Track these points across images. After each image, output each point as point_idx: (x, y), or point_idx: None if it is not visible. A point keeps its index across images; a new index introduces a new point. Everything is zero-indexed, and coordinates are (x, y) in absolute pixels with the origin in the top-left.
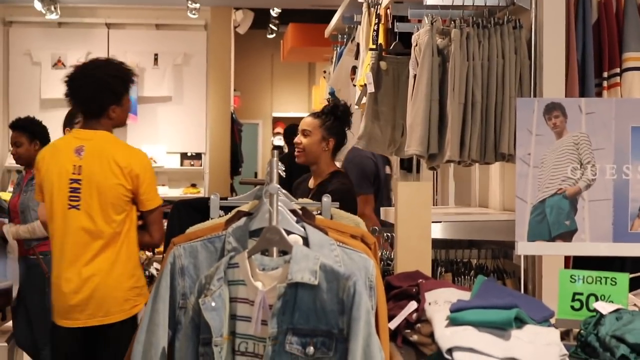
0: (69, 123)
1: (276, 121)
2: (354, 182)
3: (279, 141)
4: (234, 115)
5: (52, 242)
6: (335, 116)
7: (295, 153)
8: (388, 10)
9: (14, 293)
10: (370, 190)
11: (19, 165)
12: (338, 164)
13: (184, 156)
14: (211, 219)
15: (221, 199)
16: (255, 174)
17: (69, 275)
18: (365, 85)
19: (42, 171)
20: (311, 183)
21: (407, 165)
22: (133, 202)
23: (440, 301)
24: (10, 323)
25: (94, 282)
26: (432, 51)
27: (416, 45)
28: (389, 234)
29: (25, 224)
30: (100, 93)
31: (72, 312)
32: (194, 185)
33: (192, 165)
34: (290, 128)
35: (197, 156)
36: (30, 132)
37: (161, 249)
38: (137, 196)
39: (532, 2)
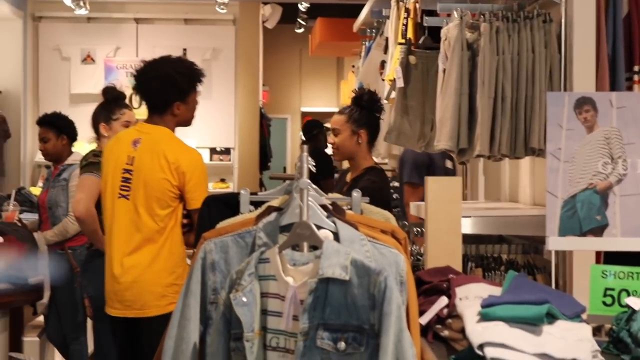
0: (105, 119)
1: (305, 116)
2: (407, 173)
3: None
4: (262, 110)
5: (104, 228)
6: (360, 106)
7: (332, 152)
8: (417, 4)
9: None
10: (419, 181)
11: (46, 161)
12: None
13: (213, 151)
14: (241, 214)
15: (251, 193)
16: (284, 169)
17: (114, 263)
18: (394, 79)
19: (104, 159)
20: (349, 177)
21: None
22: (180, 200)
23: (471, 296)
24: (41, 318)
25: (133, 274)
26: (462, 45)
27: (445, 39)
28: (420, 229)
29: (53, 226)
30: (166, 88)
31: (113, 300)
32: (223, 180)
33: (221, 160)
34: (309, 124)
35: (226, 151)
36: (57, 127)
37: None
38: (184, 194)
39: None
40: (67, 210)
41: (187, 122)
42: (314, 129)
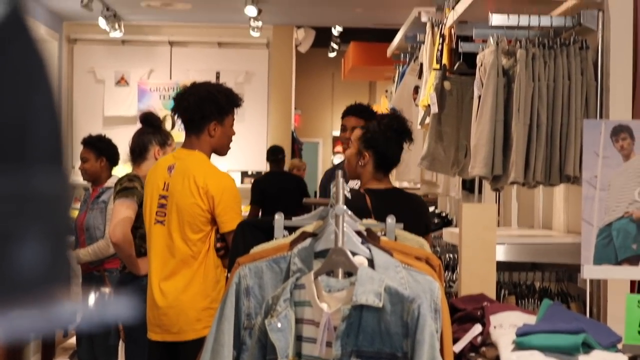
0: (161, 144)
1: (336, 140)
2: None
3: (340, 160)
4: (294, 134)
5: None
6: (380, 128)
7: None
8: (452, 30)
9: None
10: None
11: (84, 182)
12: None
13: (244, 174)
14: (275, 239)
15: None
16: (315, 193)
17: (153, 288)
18: (428, 105)
19: (146, 185)
20: None
21: (469, 186)
22: (213, 223)
23: (505, 325)
24: (72, 340)
25: (169, 299)
26: (497, 72)
27: (481, 65)
28: (453, 255)
29: (88, 246)
30: (204, 103)
31: (153, 324)
32: None
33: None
34: (275, 148)
35: (258, 174)
36: (97, 148)
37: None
38: (215, 217)
39: (598, 23)
40: (105, 233)
41: (222, 148)
42: (279, 153)
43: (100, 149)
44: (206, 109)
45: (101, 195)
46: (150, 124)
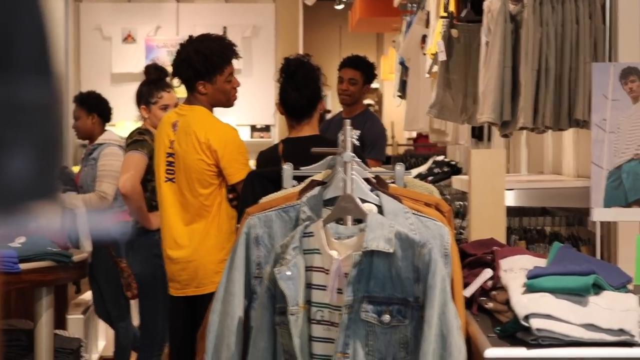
0: (145, 102)
1: None
2: None
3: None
4: None
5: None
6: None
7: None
8: None
9: None
10: None
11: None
12: None
13: (253, 128)
14: (284, 188)
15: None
16: None
17: (168, 245)
18: (436, 53)
19: (155, 143)
20: None
21: (478, 134)
22: (221, 176)
23: (515, 268)
24: (84, 295)
25: (186, 254)
26: (505, 18)
27: (488, 12)
28: (462, 203)
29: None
30: (183, 68)
31: (173, 280)
32: None
33: (262, 137)
34: None
35: (266, 128)
36: (87, 105)
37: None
38: (221, 170)
39: None
40: (94, 188)
41: (221, 102)
42: None
43: (91, 105)
44: (187, 73)
45: (93, 152)
46: (146, 77)
